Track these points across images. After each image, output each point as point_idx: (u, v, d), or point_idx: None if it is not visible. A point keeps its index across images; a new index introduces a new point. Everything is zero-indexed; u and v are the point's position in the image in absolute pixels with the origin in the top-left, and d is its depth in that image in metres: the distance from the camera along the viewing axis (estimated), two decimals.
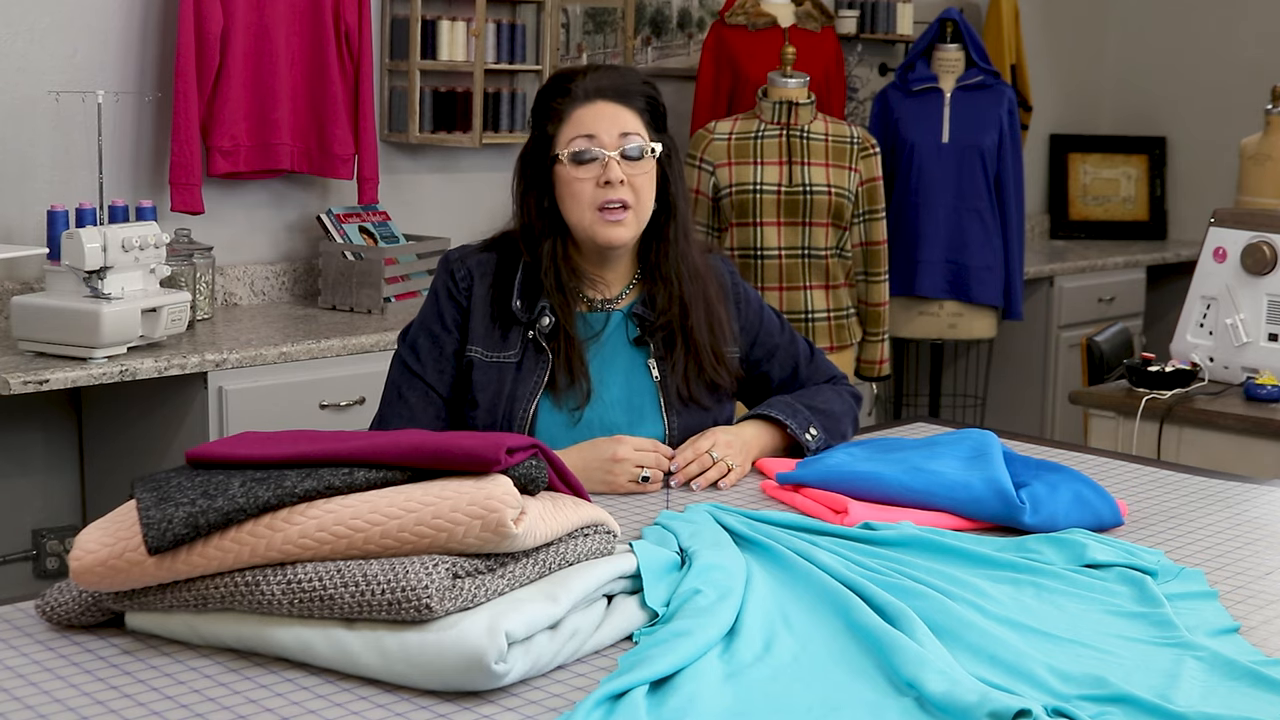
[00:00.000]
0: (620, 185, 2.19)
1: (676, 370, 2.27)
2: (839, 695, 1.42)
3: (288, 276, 4.02)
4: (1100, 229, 6.38)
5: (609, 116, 2.21)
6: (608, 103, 2.22)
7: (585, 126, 2.20)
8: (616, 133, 2.20)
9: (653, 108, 2.26)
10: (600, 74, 2.25)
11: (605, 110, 2.21)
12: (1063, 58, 6.43)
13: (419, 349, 2.27)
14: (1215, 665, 1.50)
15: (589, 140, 2.20)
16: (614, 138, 2.20)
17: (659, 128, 2.27)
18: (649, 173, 2.23)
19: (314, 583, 1.46)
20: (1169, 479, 2.32)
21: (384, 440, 1.56)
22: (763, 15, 4.71)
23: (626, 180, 2.20)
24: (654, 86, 2.30)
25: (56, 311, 3.08)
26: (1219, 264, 3.52)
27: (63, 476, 3.62)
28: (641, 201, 2.22)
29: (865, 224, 4.04)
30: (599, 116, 2.21)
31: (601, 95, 2.22)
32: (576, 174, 2.20)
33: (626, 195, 2.20)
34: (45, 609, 1.57)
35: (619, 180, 2.18)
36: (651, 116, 2.26)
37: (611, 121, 2.21)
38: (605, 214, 2.19)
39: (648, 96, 2.26)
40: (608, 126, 2.20)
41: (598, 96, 2.22)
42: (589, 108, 2.22)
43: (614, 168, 2.19)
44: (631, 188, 2.20)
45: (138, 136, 3.69)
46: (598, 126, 2.20)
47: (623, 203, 2.20)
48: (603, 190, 2.19)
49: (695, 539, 1.77)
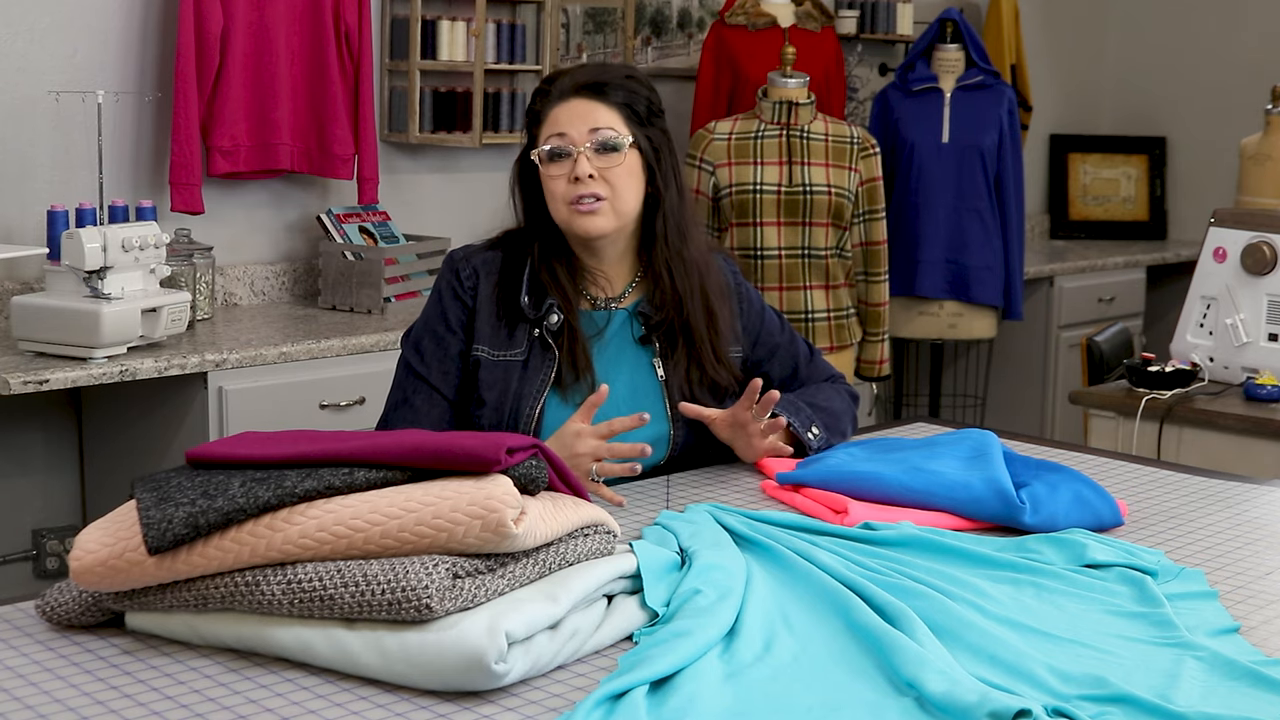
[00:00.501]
0: (590, 180, 2.20)
1: (679, 371, 2.28)
2: (839, 695, 1.42)
3: (288, 276, 4.02)
4: (1100, 229, 6.38)
5: (580, 113, 2.22)
6: (580, 99, 2.23)
7: (558, 125, 2.22)
8: (586, 128, 2.21)
9: (633, 101, 2.25)
10: (579, 71, 2.27)
11: (577, 107, 2.22)
12: (1063, 58, 6.43)
13: (423, 351, 2.27)
14: (1215, 665, 1.50)
15: (560, 138, 2.21)
16: (583, 133, 2.21)
17: (644, 121, 2.26)
18: (625, 165, 2.22)
19: (314, 583, 1.46)
20: (1169, 479, 2.32)
21: (384, 440, 1.56)
22: (763, 15, 4.71)
23: (599, 174, 2.20)
24: (640, 80, 2.29)
25: (56, 311, 3.08)
26: (1219, 264, 3.52)
27: (63, 476, 3.62)
28: (618, 193, 2.22)
29: (865, 224, 4.04)
30: (571, 114, 2.22)
31: (575, 93, 2.23)
32: (550, 172, 2.22)
33: (598, 188, 2.20)
34: (45, 609, 1.57)
35: (586, 175, 2.19)
36: (631, 110, 2.25)
37: (582, 118, 2.22)
38: (577, 207, 2.20)
39: (627, 90, 2.25)
40: (578, 123, 2.21)
41: (571, 94, 2.23)
42: (562, 106, 2.23)
43: (582, 162, 2.20)
44: (605, 181, 2.20)
45: (138, 136, 3.69)
46: (569, 124, 2.21)
47: (594, 195, 2.20)
48: (573, 186, 2.20)
49: (695, 539, 1.77)
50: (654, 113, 2.29)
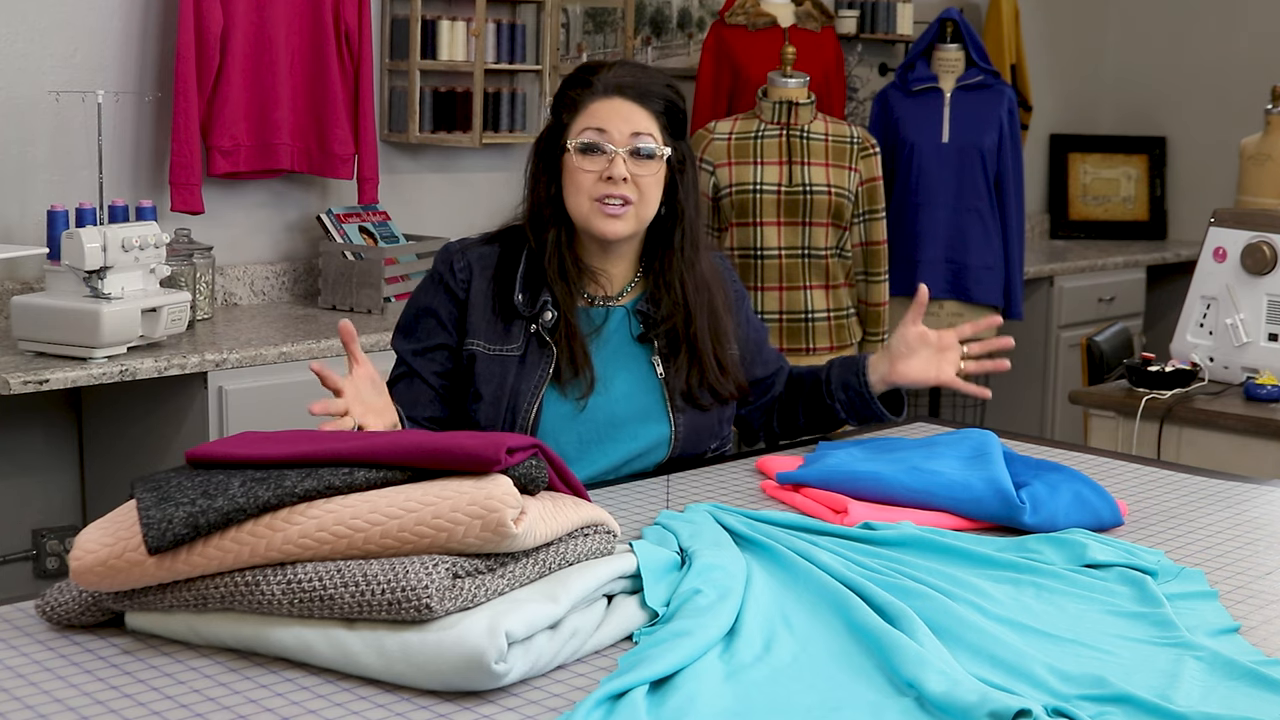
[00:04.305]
0: (623, 182, 2.19)
1: (680, 374, 2.28)
2: (839, 695, 1.42)
3: (288, 276, 4.02)
4: (1100, 229, 6.38)
5: (623, 114, 2.21)
6: (625, 100, 2.22)
7: (598, 120, 2.21)
8: (628, 131, 2.21)
9: (670, 112, 2.26)
10: (624, 70, 2.26)
11: (621, 107, 2.22)
12: (1063, 58, 6.43)
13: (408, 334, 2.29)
14: (1215, 665, 1.50)
15: (599, 134, 2.21)
16: (625, 135, 2.20)
17: (675, 134, 2.27)
18: (656, 175, 2.23)
19: (314, 583, 1.46)
20: (1169, 479, 2.32)
21: (384, 440, 1.56)
22: (763, 15, 4.71)
23: (631, 178, 2.20)
24: (677, 91, 2.29)
25: (56, 311, 3.08)
26: (1219, 264, 3.52)
27: (63, 476, 3.62)
28: (645, 200, 2.23)
29: (865, 224, 4.04)
30: (613, 112, 2.21)
31: (620, 92, 2.23)
32: (581, 164, 2.21)
33: (629, 192, 2.20)
34: (45, 609, 1.56)
35: (622, 177, 2.19)
36: (669, 120, 2.25)
37: (625, 119, 2.21)
38: (603, 206, 2.20)
39: (668, 100, 2.26)
40: (620, 123, 2.21)
41: (616, 93, 2.23)
42: (605, 102, 2.22)
43: (619, 164, 2.19)
44: (636, 186, 2.21)
45: (138, 136, 3.69)
46: (610, 122, 2.21)
47: (623, 198, 2.20)
48: (604, 184, 2.20)
49: (695, 539, 1.77)
50: (684, 127, 2.29)
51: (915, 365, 2.33)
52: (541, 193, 2.27)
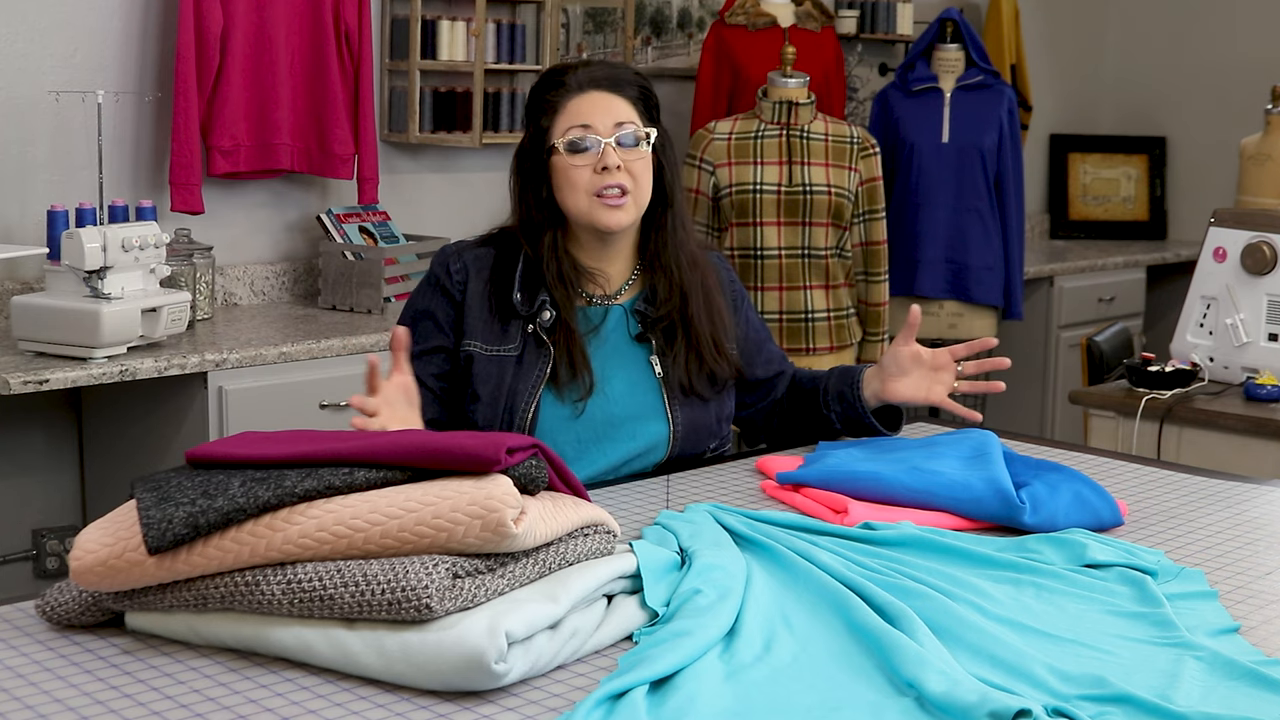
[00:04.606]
0: (618, 171, 2.20)
1: (678, 363, 2.28)
2: (839, 695, 1.42)
3: (288, 276, 4.02)
4: (1100, 229, 6.38)
5: (603, 106, 2.23)
6: (601, 92, 2.24)
7: (581, 116, 2.23)
8: (611, 121, 2.23)
9: (645, 97, 2.29)
10: (592, 66, 2.29)
11: (599, 100, 2.24)
12: (1063, 58, 6.43)
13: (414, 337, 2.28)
14: (1215, 665, 1.50)
15: (584, 129, 2.22)
16: (609, 126, 2.22)
17: (652, 118, 2.29)
18: (645, 159, 2.25)
19: (314, 583, 1.46)
20: (1169, 479, 2.31)
21: (384, 440, 1.56)
22: (763, 15, 4.71)
23: (624, 166, 2.21)
24: (645, 78, 2.33)
25: (56, 311, 3.08)
26: (1219, 264, 3.52)
27: (63, 476, 3.62)
28: (639, 187, 2.24)
29: (865, 224, 4.04)
30: (594, 106, 2.23)
31: (595, 85, 2.25)
32: (573, 162, 2.22)
33: (624, 180, 2.22)
34: (45, 609, 1.56)
35: (616, 166, 2.20)
36: (645, 106, 2.28)
37: (606, 110, 2.23)
38: (604, 199, 2.21)
39: (640, 86, 2.29)
40: (602, 115, 2.23)
41: (591, 87, 2.25)
42: (583, 98, 2.24)
43: (610, 154, 2.21)
44: (629, 174, 2.22)
45: (138, 136, 3.69)
46: (593, 116, 2.22)
47: (621, 188, 2.21)
48: (600, 176, 2.21)
49: (695, 539, 1.77)
50: (657, 110, 2.32)
51: (907, 385, 2.32)
52: (531, 199, 2.28)
